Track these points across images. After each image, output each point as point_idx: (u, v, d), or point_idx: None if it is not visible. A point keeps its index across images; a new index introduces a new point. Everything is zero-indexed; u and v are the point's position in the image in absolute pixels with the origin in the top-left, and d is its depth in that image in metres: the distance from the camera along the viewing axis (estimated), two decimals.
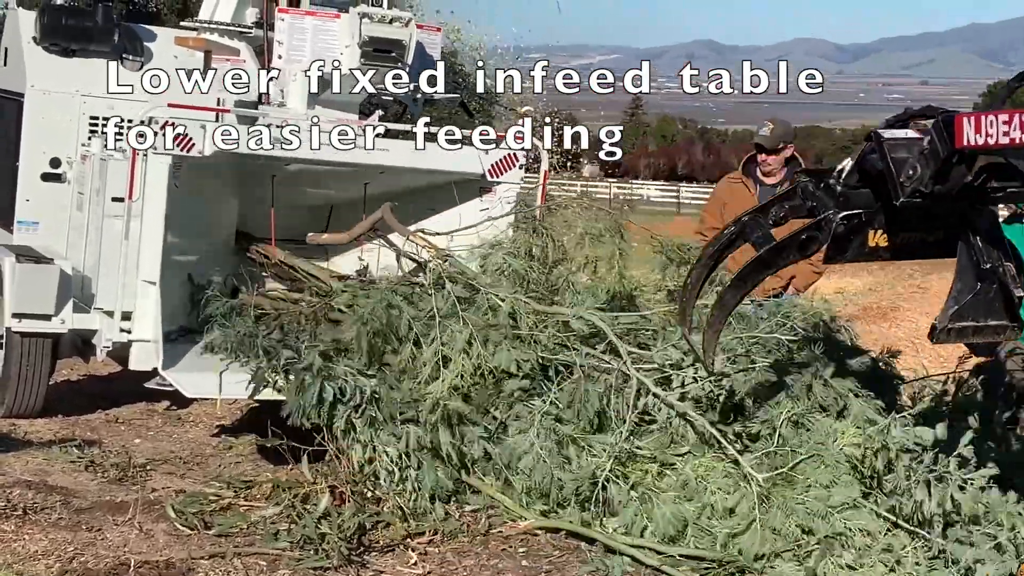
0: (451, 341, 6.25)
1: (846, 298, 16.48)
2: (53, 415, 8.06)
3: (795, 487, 5.57)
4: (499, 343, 6.20)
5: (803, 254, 4.72)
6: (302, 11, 7.92)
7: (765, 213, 4.76)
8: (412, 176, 7.83)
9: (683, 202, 51.98)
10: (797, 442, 5.77)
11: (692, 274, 4.99)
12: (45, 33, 8.40)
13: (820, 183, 4.66)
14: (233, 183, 8.18)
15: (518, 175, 7.91)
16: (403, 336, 6.47)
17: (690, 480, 5.74)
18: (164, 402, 8.51)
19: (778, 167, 7.82)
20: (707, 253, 4.94)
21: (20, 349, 7.76)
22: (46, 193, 8.40)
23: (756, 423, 5.95)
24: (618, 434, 5.84)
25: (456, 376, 6.12)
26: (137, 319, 7.15)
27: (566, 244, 7.22)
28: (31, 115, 8.44)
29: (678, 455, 5.85)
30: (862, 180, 4.60)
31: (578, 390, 6.03)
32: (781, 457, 5.71)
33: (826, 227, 4.60)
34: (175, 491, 6.39)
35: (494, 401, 6.18)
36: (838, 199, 4.61)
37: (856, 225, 4.60)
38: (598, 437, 5.91)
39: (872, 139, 4.56)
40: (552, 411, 6.03)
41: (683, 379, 5.97)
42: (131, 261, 7.16)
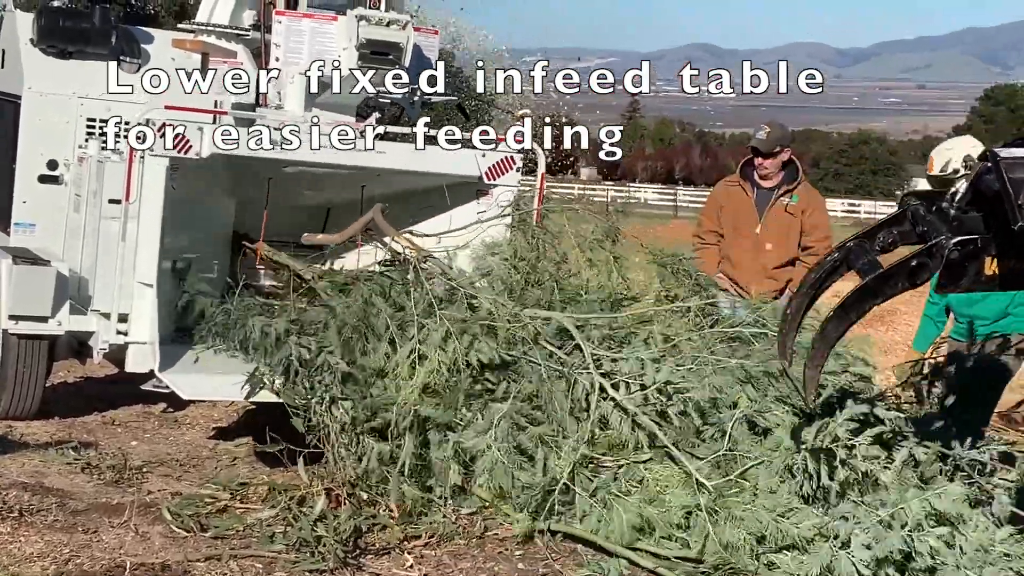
0: (427, 338, 6.26)
1: None
2: (50, 417, 8.05)
3: (744, 493, 5.53)
4: (476, 337, 6.22)
5: (913, 283, 4.38)
6: (299, 13, 7.92)
7: (871, 239, 4.47)
8: (410, 179, 7.83)
9: (680, 205, 52.02)
10: (747, 445, 5.74)
11: (792, 304, 4.75)
12: (42, 35, 8.40)
13: (932, 206, 4.37)
14: (230, 185, 8.17)
15: (516, 178, 7.91)
16: (380, 334, 6.50)
17: (650, 486, 5.72)
18: (160, 404, 8.50)
19: (775, 171, 7.82)
20: (808, 280, 4.67)
21: (17, 351, 7.75)
22: (43, 195, 8.40)
23: (713, 427, 5.93)
24: (578, 437, 5.83)
25: (431, 373, 6.13)
26: (134, 321, 7.14)
27: (559, 248, 7.23)
28: (28, 117, 8.43)
29: (639, 461, 5.83)
30: (977, 203, 4.30)
31: (542, 390, 6.03)
32: (731, 463, 5.69)
33: (938, 253, 4.28)
34: (171, 493, 6.39)
35: (467, 400, 6.19)
36: (951, 223, 4.30)
37: (971, 251, 4.28)
38: (563, 439, 5.89)
39: (988, 158, 4.25)
40: (514, 411, 6.00)
41: (645, 382, 5.98)
42: (128, 263, 7.15)
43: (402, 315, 6.54)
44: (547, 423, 5.99)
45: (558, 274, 7.20)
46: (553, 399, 5.98)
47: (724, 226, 7.97)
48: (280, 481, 6.39)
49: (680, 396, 5.94)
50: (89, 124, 8.45)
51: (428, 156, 7.83)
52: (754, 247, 7.83)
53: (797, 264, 7.88)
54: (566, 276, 7.24)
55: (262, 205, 8.03)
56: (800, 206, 7.84)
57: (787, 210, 7.81)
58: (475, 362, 6.20)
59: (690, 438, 5.89)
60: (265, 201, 7.99)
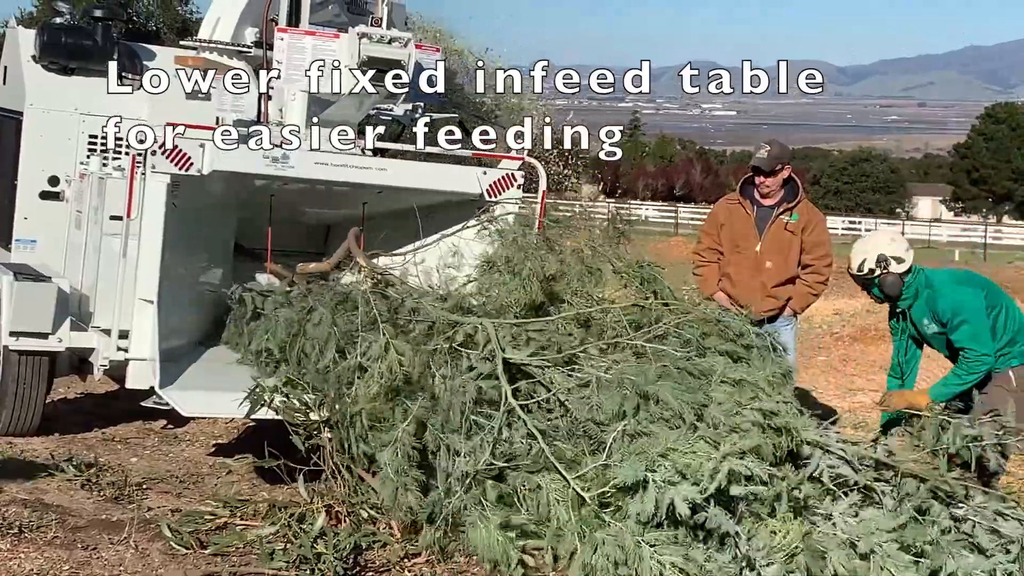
0: (367, 350, 6.27)
1: (844, 319, 16.50)
2: (50, 433, 8.05)
3: (620, 516, 5.35)
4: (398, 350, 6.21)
5: None
6: (301, 31, 7.94)
7: None
8: (410, 195, 7.84)
9: (681, 222, 52.05)
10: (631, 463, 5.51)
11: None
12: (44, 51, 8.42)
13: None
14: (231, 202, 8.18)
15: (517, 194, 7.92)
16: (324, 346, 6.56)
17: (542, 503, 5.60)
18: (161, 421, 8.50)
19: (776, 188, 7.83)
20: None
21: (17, 367, 7.75)
22: (44, 211, 8.41)
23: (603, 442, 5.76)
24: (475, 446, 5.72)
25: (368, 381, 6.12)
26: (134, 337, 7.14)
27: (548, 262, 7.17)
28: (30, 133, 8.45)
29: (531, 472, 5.72)
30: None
31: (442, 401, 5.98)
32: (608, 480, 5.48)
33: None
34: (171, 510, 6.39)
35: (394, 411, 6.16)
36: None
37: None
38: (463, 445, 5.78)
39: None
40: (409, 432, 5.93)
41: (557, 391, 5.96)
42: (129, 279, 7.16)
43: (349, 327, 6.56)
44: (449, 433, 5.88)
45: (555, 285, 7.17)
46: (452, 409, 5.89)
47: (724, 244, 7.97)
48: (280, 498, 6.39)
49: (567, 409, 5.89)
50: (91, 140, 8.47)
51: (429, 173, 7.85)
52: (754, 265, 7.83)
53: (797, 282, 7.88)
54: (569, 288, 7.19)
55: (263, 222, 8.04)
56: (800, 224, 7.84)
57: (787, 228, 7.82)
58: (397, 372, 6.15)
59: (583, 452, 5.75)
60: (268, 218, 8.00)
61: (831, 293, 14.09)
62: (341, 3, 8.93)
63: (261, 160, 7.33)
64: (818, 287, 7.96)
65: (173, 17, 39.63)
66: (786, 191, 7.86)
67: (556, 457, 5.68)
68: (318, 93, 7.93)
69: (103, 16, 8.63)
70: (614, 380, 5.97)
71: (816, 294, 8.02)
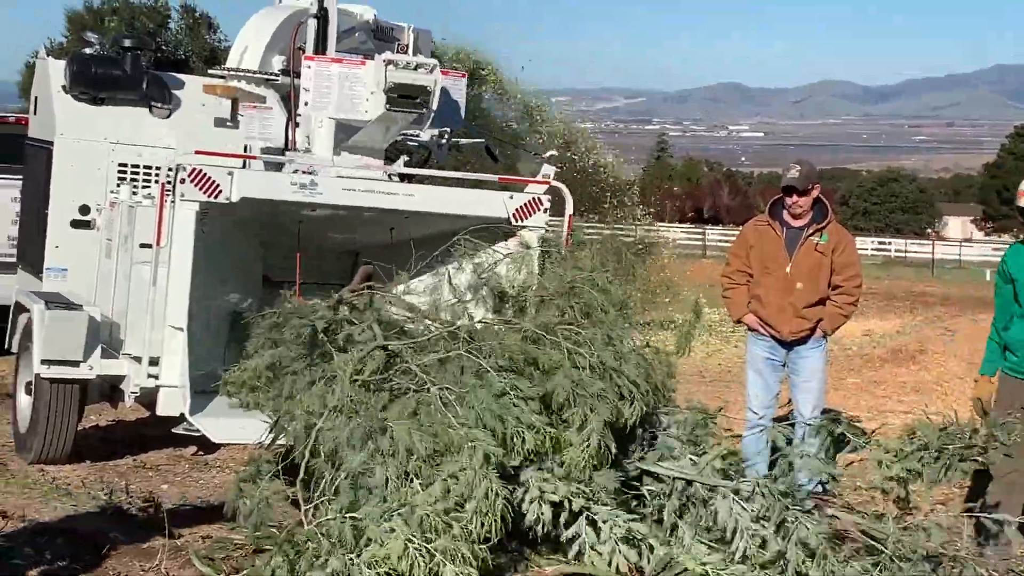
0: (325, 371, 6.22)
1: (874, 340, 16.41)
2: (81, 461, 8.08)
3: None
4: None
5: None
6: (328, 58, 7.98)
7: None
8: (437, 220, 7.86)
9: (709, 245, 51.93)
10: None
11: None
12: (74, 81, 8.49)
13: None
14: (260, 229, 8.22)
15: (543, 219, 7.92)
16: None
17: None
18: (191, 447, 8.52)
19: (807, 208, 7.80)
20: None
21: (49, 395, 7.80)
22: (75, 240, 8.47)
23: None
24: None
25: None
26: (165, 365, 7.17)
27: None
28: (60, 163, 8.52)
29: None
30: None
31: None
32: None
33: None
34: (202, 537, 6.40)
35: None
36: None
37: None
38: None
39: None
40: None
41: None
42: (159, 307, 7.19)
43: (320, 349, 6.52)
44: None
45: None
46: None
47: (753, 265, 7.94)
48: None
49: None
50: (120, 169, 8.53)
51: (456, 198, 7.86)
52: (784, 286, 7.80)
53: (828, 303, 7.85)
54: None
55: (291, 248, 8.06)
56: (830, 245, 7.81)
57: (817, 249, 7.79)
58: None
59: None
60: (297, 244, 8.03)
61: (861, 314, 14.05)
62: (367, 31, 8.99)
63: (289, 187, 7.37)
64: (848, 308, 7.92)
65: (201, 45, 39.92)
66: (815, 212, 7.84)
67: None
68: (345, 120, 7.96)
69: (132, 46, 8.70)
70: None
71: (846, 315, 7.98)
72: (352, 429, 5.68)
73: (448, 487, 5.44)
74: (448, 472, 5.49)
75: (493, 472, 5.50)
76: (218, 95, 8.65)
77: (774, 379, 7.95)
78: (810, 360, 7.87)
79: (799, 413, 7.89)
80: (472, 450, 5.53)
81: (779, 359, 7.92)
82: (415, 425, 5.66)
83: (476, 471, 5.47)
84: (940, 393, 11.79)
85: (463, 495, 5.42)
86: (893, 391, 12.61)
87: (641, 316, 7.21)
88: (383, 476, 5.50)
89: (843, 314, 7.92)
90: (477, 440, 5.57)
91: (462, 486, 5.45)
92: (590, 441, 5.92)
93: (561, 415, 6.06)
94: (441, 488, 5.43)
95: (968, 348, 12.97)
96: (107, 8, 40.64)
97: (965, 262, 51.42)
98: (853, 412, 11.23)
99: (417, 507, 5.31)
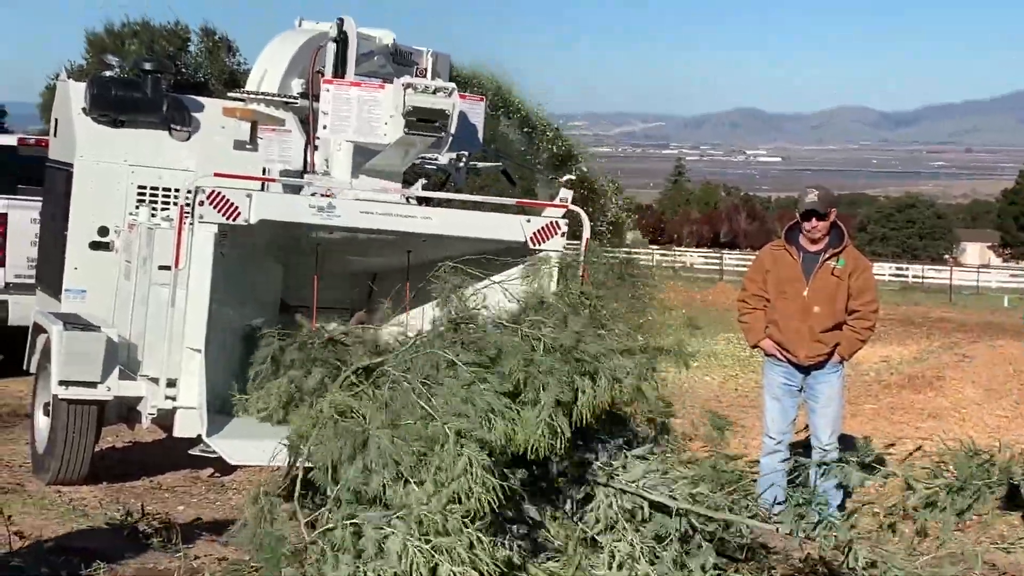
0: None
1: (891, 366, 16.34)
2: (98, 482, 8.10)
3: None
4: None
5: None
6: (347, 82, 8.01)
7: None
8: (455, 244, 7.87)
9: (726, 269, 51.89)
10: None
11: None
12: (94, 104, 8.54)
13: None
14: (278, 252, 8.24)
15: (560, 243, 7.92)
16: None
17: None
18: (208, 469, 8.53)
19: (825, 232, 7.80)
20: None
21: (67, 416, 7.82)
22: (94, 261, 8.51)
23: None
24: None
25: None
26: (182, 386, 7.19)
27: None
28: (80, 185, 8.57)
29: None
30: None
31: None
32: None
33: None
34: (218, 559, 6.39)
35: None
36: None
37: None
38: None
39: None
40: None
41: None
42: (177, 329, 7.21)
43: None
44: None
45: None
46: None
47: (770, 290, 7.94)
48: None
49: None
50: (140, 191, 8.58)
51: (473, 221, 7.88)
52: (801, 311, 7.79)
53: (845, 328, 7.83)
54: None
55: (309, 271, 8.08)
56: (847, 269, 7.80)
57: (834, 273, 7.78)
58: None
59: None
60: (315, 267, 8.05)
61: (879, 340, 13.99)
62: (386, 54, 9.01)
63: (307, 209, 7.40)
64: (865, 333, 7.91)
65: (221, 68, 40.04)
66: (831, 236, 7.84)
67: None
68: (364, 143, 7.99)
69: (152, 68, 8.74)
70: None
71: (863, 340, 7.97)
72: (341, 447, 5.61)
73: (438, 481, 5.36)
74: (435, 465, 5.41)
75: (476, 449, 5.39)
76: (237, 118, 8.69)
77: (791, 404, 7.94)
78: (827, 385, 7.86)
79: (816, 438, 7.87)
80: (456, 440, 5.44)
81: (796, 384, 7.91)
82: (398, 433, 5.57)
83: (455, 455, 5.38)
84: (958, 419, 11.71)
85: (455, 491, 5.33)
86: (910, 417, 12.54)
87: (652, 339, 7.12)
88: (379, 483, 5.44)
89: (860, 339, 7.90)
90: (457, 425, 5.48)
91: (447, 474, 5.36)
92: (541, 416, 5.64)
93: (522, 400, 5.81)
94: (432, 484, 5.36)
95: (986, 374, 12.90)
96: (127, 31, 40.83)
97: (983, 288, 51.22)
98: (870, 436, 11.20)
99: (413, 508, 5.26)
